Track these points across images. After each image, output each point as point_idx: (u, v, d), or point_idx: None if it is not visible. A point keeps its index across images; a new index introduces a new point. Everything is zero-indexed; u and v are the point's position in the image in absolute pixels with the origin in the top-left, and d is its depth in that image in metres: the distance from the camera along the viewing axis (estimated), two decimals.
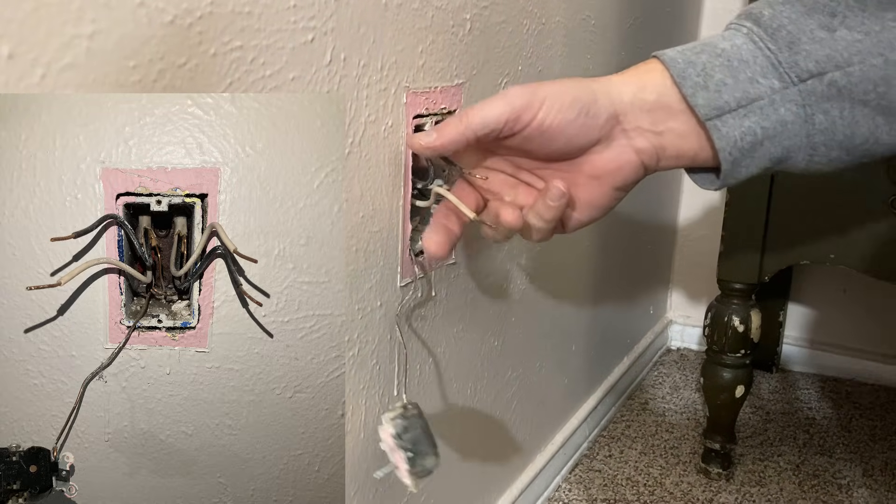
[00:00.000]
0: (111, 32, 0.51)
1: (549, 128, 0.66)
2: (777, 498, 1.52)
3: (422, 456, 0.74)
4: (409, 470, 0.74)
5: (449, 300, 1.00)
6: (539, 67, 1.13)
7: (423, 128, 0.85)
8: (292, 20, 0.65)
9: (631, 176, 0.69)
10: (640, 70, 0.68)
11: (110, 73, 0.51)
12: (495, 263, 1.12)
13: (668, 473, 1.60)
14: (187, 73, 0.57)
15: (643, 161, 0.68)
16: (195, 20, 0.57)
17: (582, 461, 1.63)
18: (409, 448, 0.74)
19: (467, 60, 0.93)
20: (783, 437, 1.75)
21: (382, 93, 0.78)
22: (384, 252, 0.82)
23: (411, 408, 0.77)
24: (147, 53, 0.54)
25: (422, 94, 0.84)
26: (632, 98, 0.67)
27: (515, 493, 1.34)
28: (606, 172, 0.69)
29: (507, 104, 0.67)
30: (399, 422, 0.75)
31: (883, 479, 1.59)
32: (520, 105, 0.66)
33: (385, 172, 0.80)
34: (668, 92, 0.65)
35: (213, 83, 0.59)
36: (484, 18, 0.95)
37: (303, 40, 0.67)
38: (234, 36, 0.60)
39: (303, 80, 0.68)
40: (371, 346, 0.83)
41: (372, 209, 0.79)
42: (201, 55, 0.58)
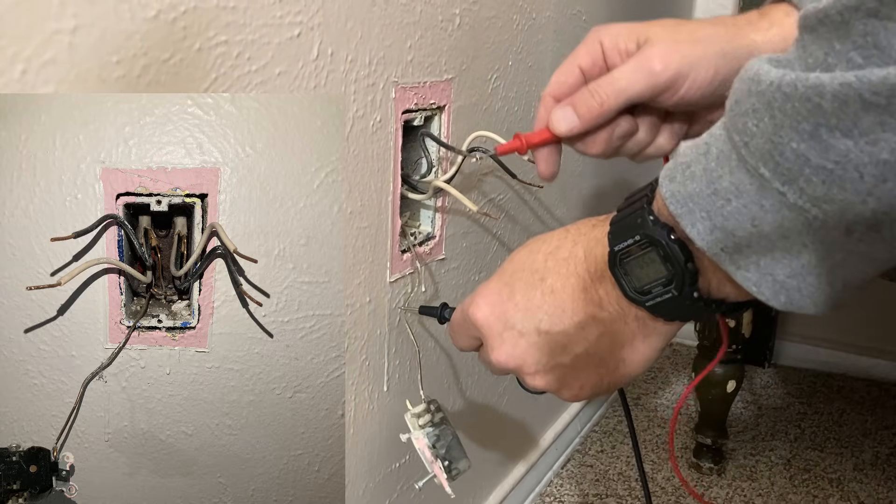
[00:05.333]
0: (93, 27, 0.50)
1: (688, 101, 0.64)
2: (768, 492, 1.53)
3: (456, 461, 0.77)
4: (447, 477, 0.76)
5: (440, 296, 1.00)
6: (529, 63, 1.13)
7: (411, 123, 0.86)
8: (278, 15, 0.65)
9: None
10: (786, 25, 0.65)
11: (93, 69, 0.51)
12: (486, 259, 1.12)
13: (659, 468, 1.60)
14: (172, 69, 0.56)
15: None
16: (179, 15, 0.56)
17: (574, 456, 1.64)
18: (444, 456, 0.76)
19: (456, 55, 0.93)
20: (775, 432, 1.76)
21: (370, 88, 0.78)
22: (373, 248, 0.82)
23: (436, 410, 0.78)
24: (130, 49, 0.53)
25: (410, 89, 0.84)
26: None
27: (507, 488, 1.35)
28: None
29: (649, 81, 0.63)
30: (431, 430, 0.76)
31: (873, 474, 1.61)
32: (662, 83, 0.63)
33: (374, 168, 0.80)
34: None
35: (197, 78, 0.59)
36: (473, 13, 0.95)
37: (289, 35, 0.66)
38: (219, 31, 0.60)
39: (289, 76, 0.67)
40: (360, 342, 0.83)
41: (360, 205, 0.79)
42: (186, 50, 0.57)
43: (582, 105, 0.66)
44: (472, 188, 1.03)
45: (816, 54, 0.41)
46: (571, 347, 0.60)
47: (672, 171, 0.50)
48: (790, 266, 0.46)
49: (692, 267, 0.51)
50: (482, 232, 1.09)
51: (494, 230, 1.14)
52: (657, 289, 0.53)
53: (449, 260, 1.01)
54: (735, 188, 0.45)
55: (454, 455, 0.77)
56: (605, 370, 0.60)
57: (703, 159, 0.47)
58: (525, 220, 1.24)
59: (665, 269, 0.52)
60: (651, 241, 0.52)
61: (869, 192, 0.38)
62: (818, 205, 0.41)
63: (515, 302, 0.61)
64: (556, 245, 0.62)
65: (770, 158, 0.42)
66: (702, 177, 0.47)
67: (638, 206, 0.54)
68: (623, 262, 0.54)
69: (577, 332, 0.59)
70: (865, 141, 0.38)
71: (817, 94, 0.39)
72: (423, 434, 0.76)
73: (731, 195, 0.45)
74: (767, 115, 0.42)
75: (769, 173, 0.42)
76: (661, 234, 0.52)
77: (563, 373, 0.61)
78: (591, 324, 0.58)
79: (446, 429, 0.78)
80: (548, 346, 0.60)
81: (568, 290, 0.59)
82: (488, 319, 0.62)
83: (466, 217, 1.03)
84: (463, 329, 0.67)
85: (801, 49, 0.42)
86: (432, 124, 0.91)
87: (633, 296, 0.55)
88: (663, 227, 0.52)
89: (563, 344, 0.60)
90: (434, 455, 0.76)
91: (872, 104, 0.37)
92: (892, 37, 0.37)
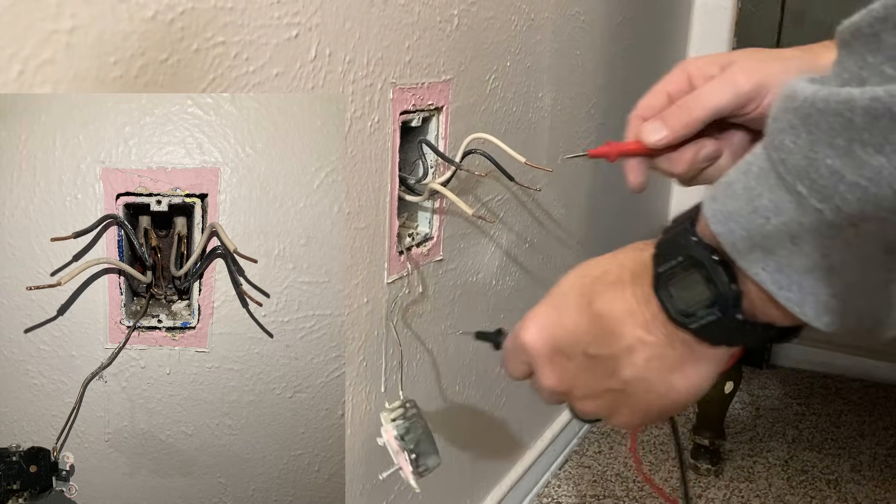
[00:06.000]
0: (91, 28, 0.50)
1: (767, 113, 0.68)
2: (766, 493, 1.53)
3: (424, 456, 0.75)
4: (412, 471, 0.75)
5: (437, 296, 1.00)
6: (528, 63, 1.13)
7: (409, 124, 0.86)
8: (276, 16, 0.65)
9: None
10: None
11: (91, 69, 0.51)
12: (484, 260, 1.13)
13: (657, 469, 1.61)
14: (169, 69, 0.56)
15: None
16: (177, 16, 0.56)
17: (572, 457, 1.64)
18: (412, 449, 0.75)
19: (455, 56, 0.93)
20: (772, 433, 1.76)
21: (368, 88, 0.78)
22: (371, 248, 0.83)
23: (410, 406, 0.78)
24: (128, 49, 0.53)
25: (409, 89, 0.84)
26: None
27: (505, 488, 1.35)
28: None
29: (734, 92, 0.67)
30: (401, 423, 0.75)
31: (871, 475, 1.61)
32: (746, 94, 0.66)
33: (371, 168, 0.80)
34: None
35: (195, 79, 0.59)
36: (472, 14, 0.95)
37: (287, 36, 0.66)
38: (217, 32, 0.60)
39: (287, 76, 0.67)
40: (358, 342, 0.83)
41: (358, 205, 0.79)
42: (183, 51, 0.57)
43: (671, 117, 0.70)
44: (469, 190, 1.03)
45: (851, 69, 0.40)
46: (620, 372, 0.59)
47: (715, 190, 0.49)
48: (833, 286, 0.45)
49: (735, 288, 0.51)
50: (480, 234, 1.10)
51: (492, 232, 1.14)
52: (701, 311, 0.53)
53: (447, 261, 1.01)
54: (774, 206, 0.44)
55: (423, 450, 0.76)
56: (654, 396, 0.59)
57: (743, 178, 0.47)
58: (523, 221, 1.24)
59: (708, 291, 0.52)
60: (694, 262, 0.52)
61: None
62: (855, 223, 0.40)
63: (563, 325, 0.61)
64: (605, 269, 0.61)
65: (806, 175, 0.42)
66: (742, 195, 0.47)
67: (682, 227, 0.54)
68: (667, 284, 0.54)
69: (625, 356, 0.58)
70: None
71: (848, 109, 0.38)
72: (393, 426, 0.76)
73: (770, 213, 0.45)
74: (804, 132, 0.41)
75: (806, 190, 0.42)
76: (704, 255, 0.51)
77: (613, 398, 0.60)
78: (638, 348, 0.58)
79: (417, 423, 0.77)
80: (597, 370, 0.60)
81: (616, 313, 0.59)
82: (536, 344, 0.62)
83: (464, 219, 1.03)
84: (513, 355, 0.66)
85: (838, 65, 0.42)
86: (430, 125, 0.91)
87: (677, 318, 0.54)
88: (706, 248, 0.51)
89: (611, 368, 0.59)
90: (401, 447, 0.75)
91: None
92: None
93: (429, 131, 0.91)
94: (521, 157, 0.92)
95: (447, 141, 0.93)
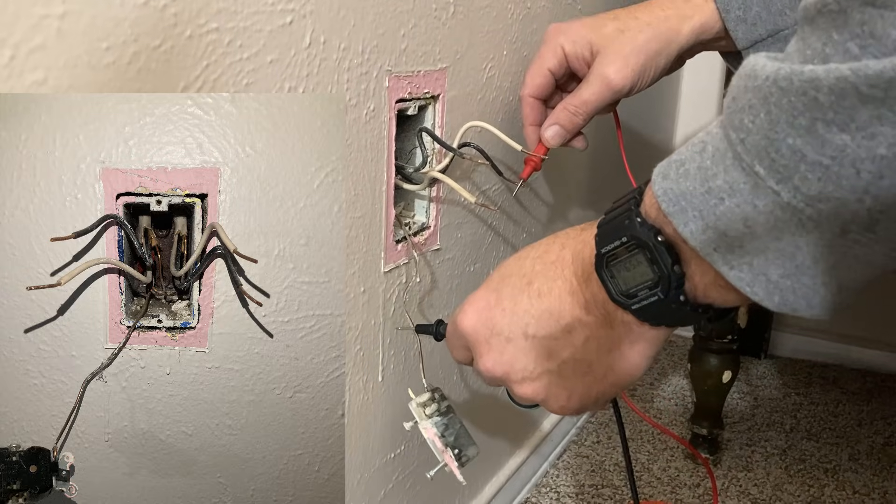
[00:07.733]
0: (82, 13, 0.49)
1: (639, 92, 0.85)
2: (764, 482, 1.54)
3: (465, 448, 0.77)
4: (458, 465, 0.76)
5: (434, 285, 1.00)
6: (524, 52, 1.13)
7: (405, 112, 0.85)
8: (270, 2, 0.64)
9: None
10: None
11: (82, 56, 0.50)
12: (482, 250, 1.12)
13: (655, 459, 1.61)
14: (162, 56, 0.56)
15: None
16: (170, 1, 0.55)
17: (570, 447, 1.64)
18: (454, 444, 0.76)
19: (451, 44, 0.92)
20: (770, 423, 1.77)
21: (364, 76, 0.77)
22: (367, 238, 0.82)
23: (440, 397, 0.79)
24: (120, 35, 0.52)
25: (404, 77, 0.83)
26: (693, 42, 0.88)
27: (503, 479, 1.35)
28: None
29: (611, 91, 0.86)
30: (438, 419, 0.76)
31: (869, 464, 1.61)
32: (619, 87, 0.86)
33: (367, 157, 0.79)
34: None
35: (188, 66, 0.58)
36: (468, 2, 0.94)
37: (281, 23, 0.66)
38: (210, 18, 0.59)
39: (281, 63, 0.67)
40: (355, 332, 0.83)
41: (354, 194, 0.79)
42: (176, 37, 0.57)
43: (565, 122, 0.90)
44: (466, 178, 1.03)
45: (815, 45, 0.40)
46: (558, 352, 0.59)
47: (666, 168, 0.49)
48: (784, 267, 0.45)
49: (678, 270, 0.51)
50: (478, 222, 1.09)
51: (490, 220, 1.13)
52: (643, 292, 0.53)
53: (444, 250, 1.01)
54: (729, 187, 0.44)
55: (463, 442, 0.78)
56: (592, 378, 0.60)
57: (697, 157, 0.46)
58: (519, 209, 1.24)
59: (651, 272, 0.52)
60: (638, 243, 0.52)
61: (865, 189, 0.38)
62: (812, 204, 0.40)
63: (502, 307, 0.61)
64: (545, 249, 0.61)
65: (766, 155, 0.41)
66: (696, 175, 0.46)
67: (625, 208, 0.53)
68: (609, 264, 0.54)
69: (563, 336, 0.59)
70: (862, 135, 0.37)
71: (813, 88, 0.38)
72: (432, 424, 0.76)
73: (725, 194, 0.44)
74: (764, 111, 0.41)
75: (764, 171, 0.42)
76: (648, 236, 0.51)
77: (551, 380, 0.61)
78: (577, 328, 0.58)
79: (454, 417, 0.78)
80: (534, 351, 0.60)
81: (555, 293, 0.59)
82: (475, 326, 0.62)
83: (462, 207, 1.03)
84: (455, 340, 0.66)
85: (800, 41, 0.41)
86: (426, 114, 0.91)
87: (618, 299, 0.54)
88: (650, 228, 0.51)
89: (549, 349, 0.59)
90: (444, 444, 0.76)
91: (869, 97, 0.36)
92: (889, 26, 0.36)
93: (425, 120, 0.91)
94: (517, 146, 0.92)
95: (444, 129, 0.92)
